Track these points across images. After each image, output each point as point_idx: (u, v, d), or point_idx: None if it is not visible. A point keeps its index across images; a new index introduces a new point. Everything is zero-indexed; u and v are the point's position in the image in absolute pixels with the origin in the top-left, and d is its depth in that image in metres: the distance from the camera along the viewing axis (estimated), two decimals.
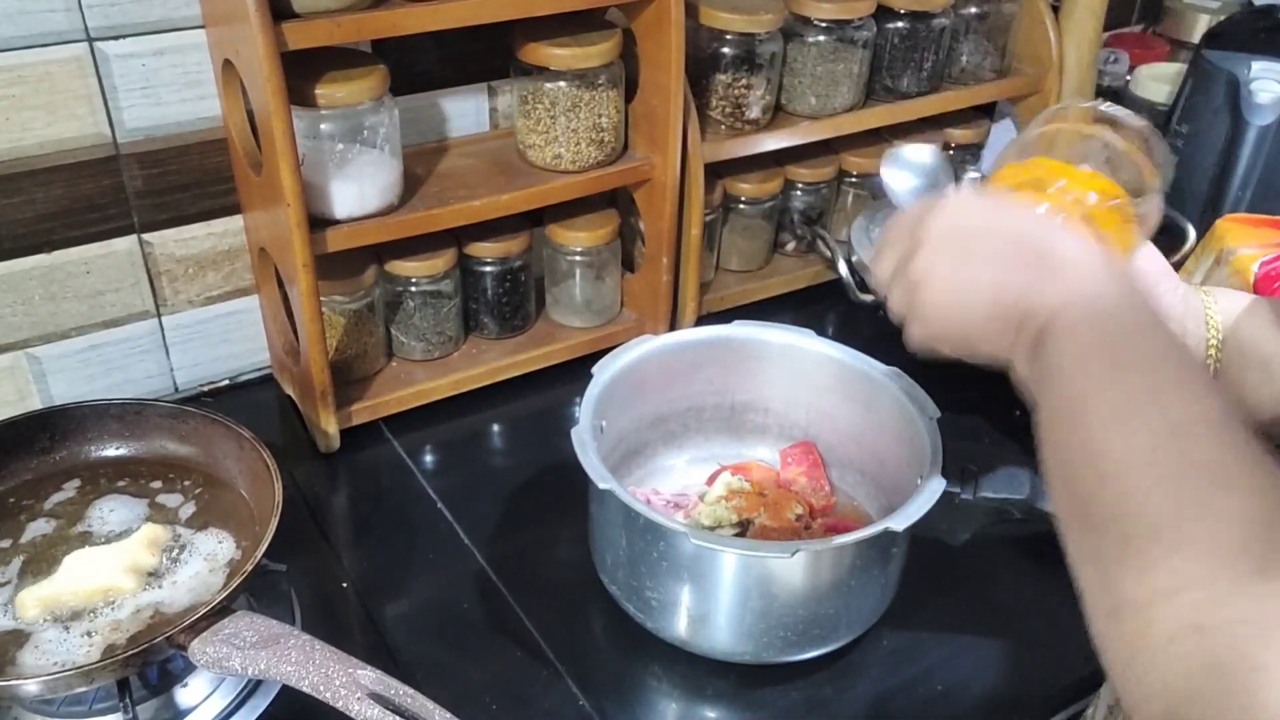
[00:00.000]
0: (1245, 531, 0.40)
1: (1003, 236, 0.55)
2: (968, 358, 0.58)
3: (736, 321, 0.87)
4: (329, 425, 0.92)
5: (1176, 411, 0.45)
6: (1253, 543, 0.40)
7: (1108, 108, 0.68)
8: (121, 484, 0.80)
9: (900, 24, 1.09)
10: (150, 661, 0.66)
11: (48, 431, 0.80)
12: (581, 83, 0.93)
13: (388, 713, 0.58)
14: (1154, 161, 0.66)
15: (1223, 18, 1.32)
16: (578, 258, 1.04)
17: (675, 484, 0.89)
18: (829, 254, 1.11)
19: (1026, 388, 0.54)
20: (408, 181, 0.92)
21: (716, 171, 1.10)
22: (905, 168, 0.78)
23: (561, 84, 0.93)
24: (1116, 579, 0.43)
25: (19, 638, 0.67)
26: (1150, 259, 0.69)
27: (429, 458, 0.96)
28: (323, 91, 0.83)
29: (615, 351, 0.83)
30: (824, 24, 1.04)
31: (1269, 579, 0.39)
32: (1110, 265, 0.53)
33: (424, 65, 1.00)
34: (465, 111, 1.04)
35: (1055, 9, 1.22)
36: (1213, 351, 0.67)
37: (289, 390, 1.01)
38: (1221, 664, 0.38)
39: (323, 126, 0.86)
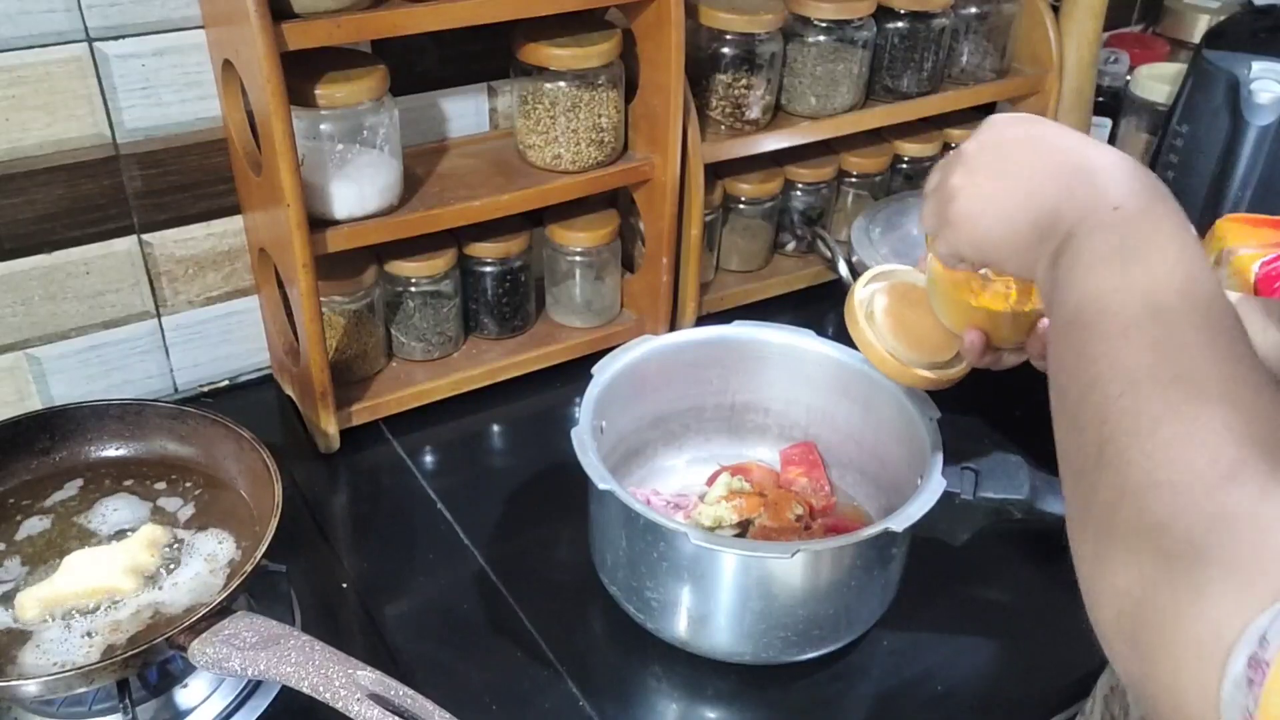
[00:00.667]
0: (1223, 439, 0.41)
1: (1041, 147, 0.56)
2: (992, 269, 0.59)
3: (736, 322, 0.87)
4: (329, 426, 0.92)
5: (1179, 326, 0.45)
6: (1225, 450, 0.40)
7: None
8: (121, 484, 0.80)
9: (900, 24, 1.09)
10: (150, 662, 0.66)
11: (48, 432, 0.80)
12: (581, 83, 0.93)
13: (388, 713, 0.58)
14: None
15: (1223, 18, 1.32)
16: (578, 258, 1.04)
17: (675, 484, 0.89)
18: (829, 254, 1.11)
19: (1044, 299, 0.54)
20: (408, 182, 0.92)
21: (716, 171, 1.10)
22: None
23: (561, 84, 0.93)
24: (1094, 483, 0.44)
25: (19, 638, 0.67)
26: None
27: (429, 458, 0.96)
28: (322, 92, 0.83)
29: (615, 352, 0.83)
30: (824, 24, 1.04)
31: (1238, 482, 0.39)
32: (1141, 174, 0.53)
33: (424, 65, 1.00)
34: (465, 111, 1.04)
35: (1055, 9, 1.22)
36: None
37: (289, 391, 1.01)
38: (1180, 557, 0.38)
39: (322, 127, 0.86)
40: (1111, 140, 1.37)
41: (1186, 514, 0.39)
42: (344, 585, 0.82)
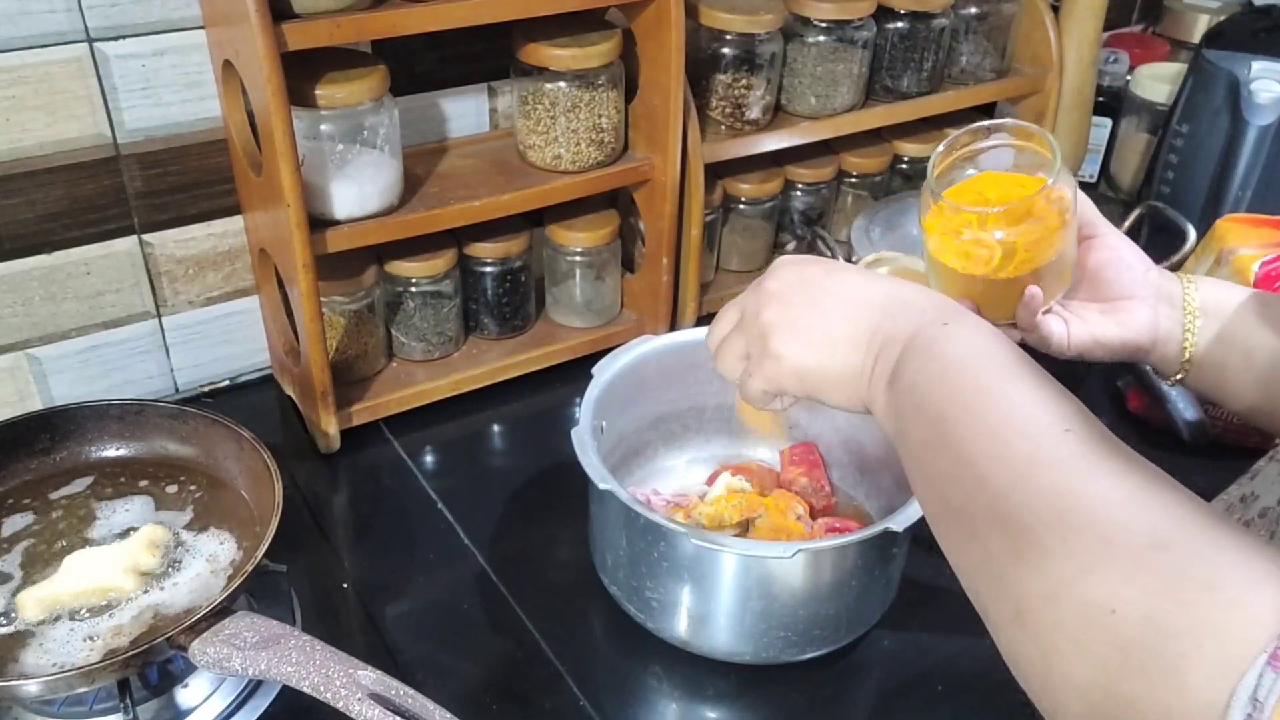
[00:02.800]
0: (1129, 510, 0.41)
1: (844, 281, 0.58)
2: (814, 399, 0.59)
3: None
4: (329, 426, 0.92)
5: (1039, 413, 0.47)
6: (1139, 517, 0.40)
7: (983, 124, 0.71)
8: (122, 485, 0.80)
9: (900, 24, 1.09)
10: (151, 662, 0.66)
11: (48, 432, 0.80)
12: (581, 83, 0.93)
13: (388, 713, 0.58)
14: (1044, 142, 0.67)
15: (1223, 18, 1.32)
16: (578, 258, 1.04)
17: (675, 484, 0.89)
18: (829, 254, 1.11)
19: (883, 423, 0.55)
20: (408, 182, 0.92)
21: (716, 171, 1.10)
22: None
23: (561, 84, 0.93)
24: (1014, 579, 0.42)
25: (19, 638, 0.67)
26: (1118, 243, 0.69)
27: (429, 458, 0.96)
28: (323, 92, 0.83)
29: (615, 352, 0.83)
30: (824, 24, 1.04)
31: (1166, 549, 0.38)
32: (948, 303, 0.56)
33: (424, 65, 1.00)
34: (465, 112, 1.04)
35: (1055, 9, 1.22)
36: (1189, 336, 0.67)
37: (289, 391, 1.01)
38: (1139, 640, 0.37)
39: (323, 127, 0.86)
40: (1111, 140, 1.38)
41: (1131, 595, 0.38)
42: (344, 585, 0.82)
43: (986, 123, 0.71)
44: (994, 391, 0.49)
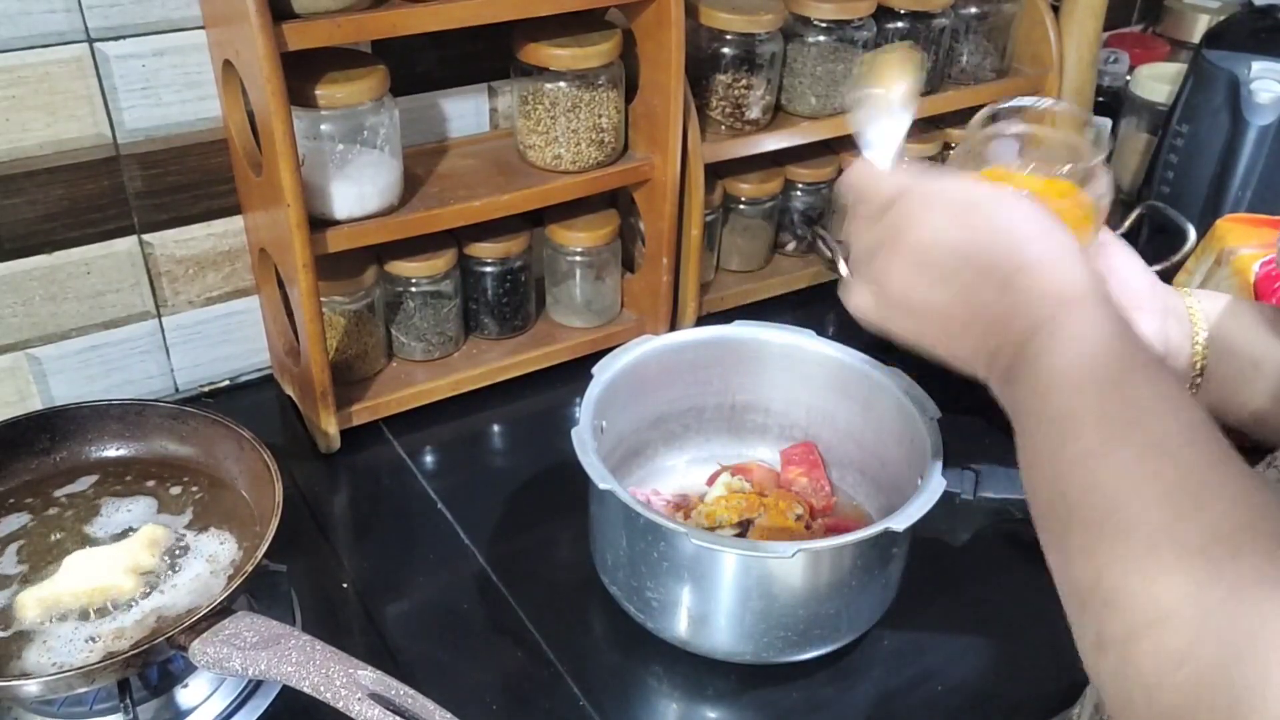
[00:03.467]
0: (1235, 536, 0.40)
1: (975, 254, 0.54)
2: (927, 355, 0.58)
3: (737, 322, 0.87)
4: (329, 426, 0.92)
5: (1159, 427, 0.46)
6: (1244, 545, 0.40)
7: (1021, 102, 0.68)
8: (122, 485, 0.80)
9: (900, 24, 1.09)
10: (151, 662, 0.66)
11: (48, 432, 0.80)
12: (581, 83, 0.93)
13: (388, 713, 0.58)
14: (1087, 138, 0.66)
15: (1223, 18, 1.32)
16: (578, 258, 1.04)
17: (675, 484, 0.89)
18: (829, 254, 1.10)
19: (1004, 406, 0.54)
20: (408, 182, 0.92)
21: (716, 171, 1.10)
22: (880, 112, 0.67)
23: (562, 84, 0.93)
24: (1105, 606, 0.43)
25: (20, 638, 0.67)
26: (1125, 256, 0.69)
27: (429, 458, 0.96)
28: (323, 92, 0.83)
29: (615, 352, 0.83)
30: (824, 24, 1.04)
31: (1263, 583, 0.38)
32: (1084, 273, 0.52)
33: (424, 65, 1.00)
34: (465, 112, 1.04)
35: (1055, 9, 1.22)
36: (1199, 349, 0.67)
37: (289, 391, 1.01)
38: (1223, 682, 0.37)
39: (323, 127, 0.86)
40: (1111, 140, 1.38)
41: (1204, 651, 0.39)
42: (344, 585, 0.82)
43: (1040, 102, 0.69)
44: (1111, 402, 0.47)
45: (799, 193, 1.18)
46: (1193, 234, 1.07)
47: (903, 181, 0.57)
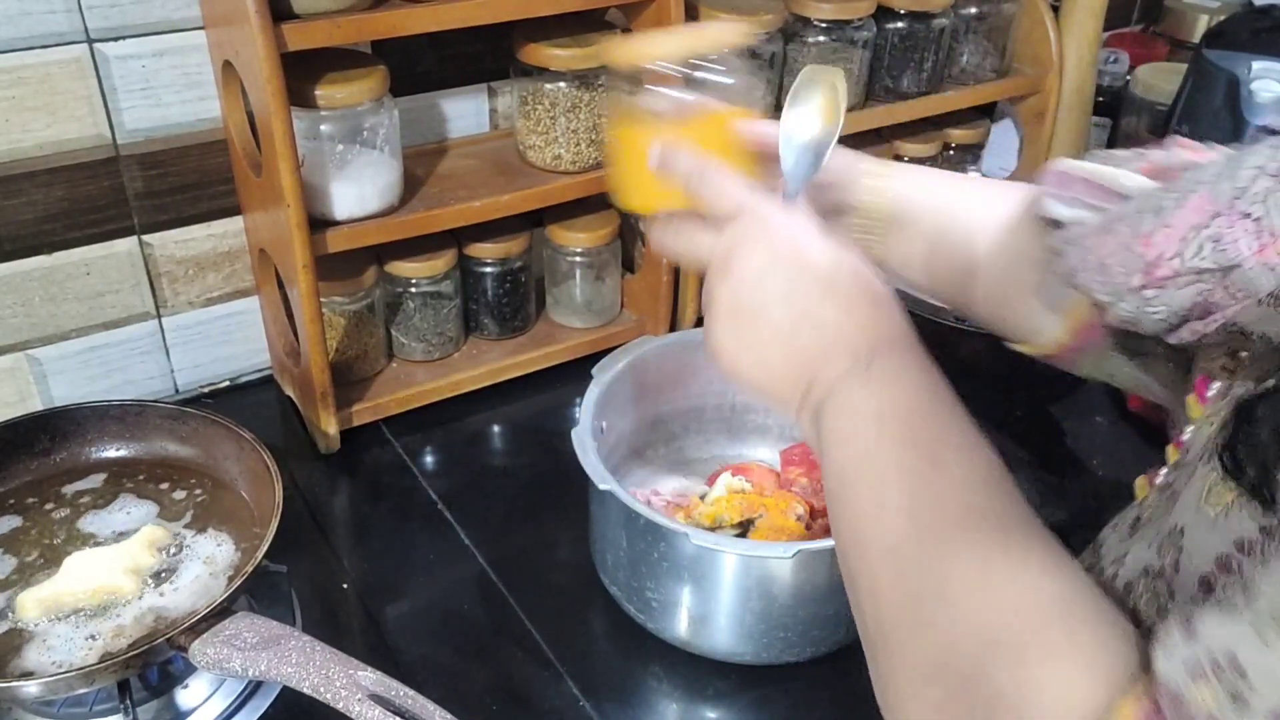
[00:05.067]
0: (949, 653, 0.44)
1: (802, 294, 0.55)
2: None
3: None
4: (329, 426, 0.92)
5: (933, 502, 0.48)
6: (963, 641, 0.43)
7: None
8: (122, 485, 0.80)
9: (900, 24, 1.09)
10: (150, 663, 0.66)
11: (48, 433, 0.80)
12: (581, 83, 0.93)
13: (388, 714, 0.58)
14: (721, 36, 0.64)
15: (1223, 18, 1.32)
16: (578, 258, 1.04)
17: (675, 484, 0.89)
18: None
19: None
20: (408, 182, 0.92)
21: None
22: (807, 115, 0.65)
23: (561, 85, 0.93)
24: (872, 672, 0.49)
25: (20, 639, 0.67)
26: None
27: (429, 458, 0.96)
28: (322, 92, 0.83)
29: (616, 352, 0.83)
30: (824, 24, 1.04)
31: (977, 680, 0.42)
32: (893, 321, 0.54)
33: (424, 66, 1.00)
34: (465, 112, 1.04)
35: (1055, 9, 1.22)
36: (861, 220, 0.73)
37: (289, 391, 1.01)
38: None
39: (323, 127, 0.86)
40: (1111, 140, 1.38)
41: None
42: (344, 585, 0.82)
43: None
44: (871, 479, 0.50)
45: None
46: None
47: (745, 200, 0.57)
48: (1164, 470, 0.57)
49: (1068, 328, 0.65)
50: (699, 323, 1.10)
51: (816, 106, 0.63)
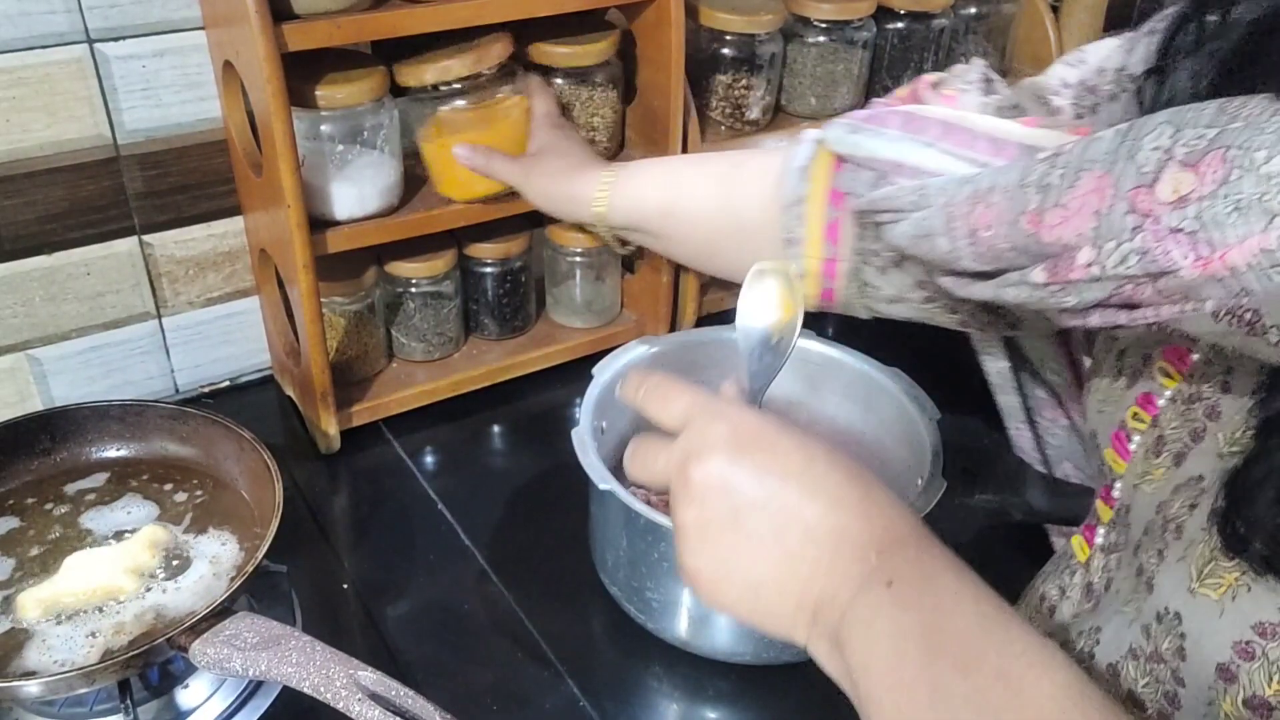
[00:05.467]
0: None
1: (781, 501, 0.46)
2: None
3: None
4: (329, 426, 0.92)
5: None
6: None
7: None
8: (122, 485, 0.80)
9: (900, 24, 1.09)
10: (151, 663, 0.66)
11: (48, 433, 0.80)
12: (579, 81, 0.93)
13: (388, 714, 0.58)
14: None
15: None
16: (578, 258, 1.04)
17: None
18: None
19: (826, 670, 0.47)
20: (408, 182, 0.92)
21: None
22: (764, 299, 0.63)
23: (559, 82, 0.93)
24: None
25: (20, 639, 0.67)
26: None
27: (429, 458, 0.96)
28: (323, 93, 0.83)
29: (616, 352, 0.83)
30: (824, 24, 1.04)
31: None
32: (898, 514, 0.46)
33: None
34: None
35: (1055, 9, 1.22)
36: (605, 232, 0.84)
37: (289, 391, 1.01)
38: None
39: (323, 128, 0.86)
40: None
41: None
42: (344, 585, 0.82)
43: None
44: (934, 686, 0.41)
45: None
46: None
47: (692, 402, 0.50)
48: (1100, 529, 0.56)
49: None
50: (699, 322, 1.10)
51: (773, 300, 0.61)
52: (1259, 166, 0.36)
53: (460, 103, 0.89)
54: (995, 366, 0.77)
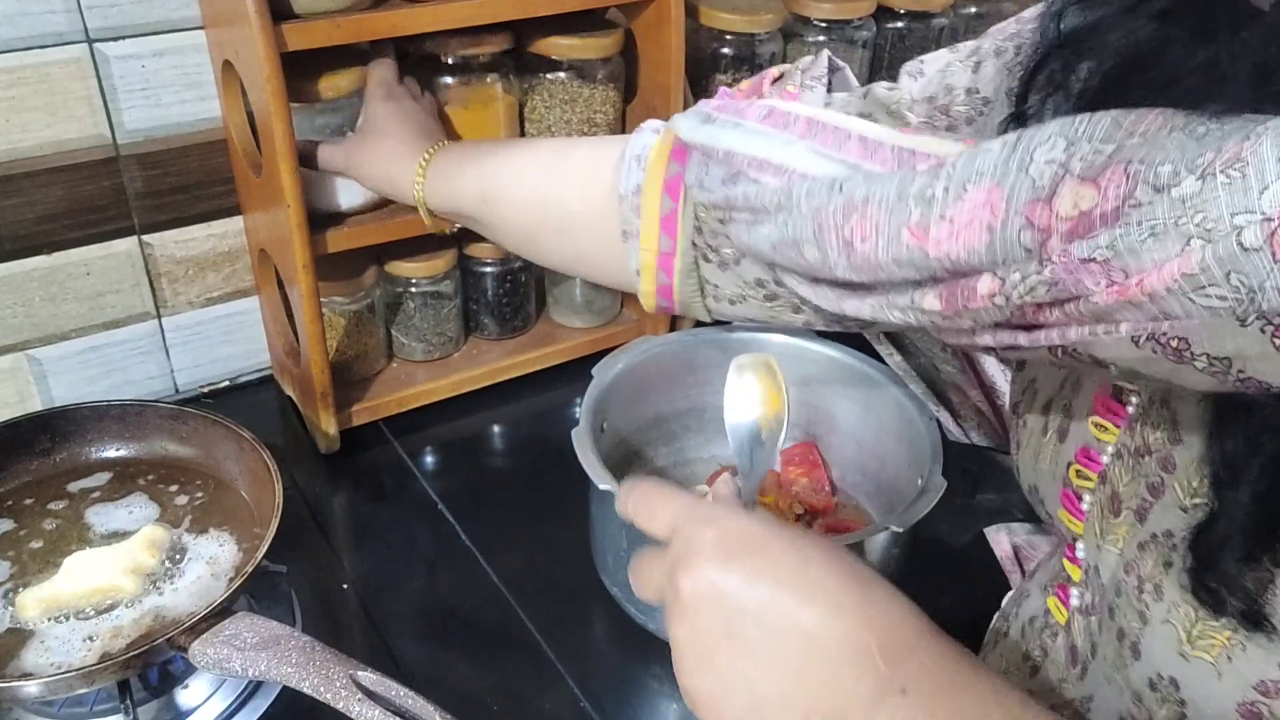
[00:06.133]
0: None
1: (778, 610, 0.42)
2: None
3: (737, 322, 0.87)
4: (329, 426, 0.92)
5: None
6: None
7: None
8: (122, 486, 0.80)
9: (900, 24, 1.09)
10: (151, 663, 0.66)
11: (48, 433, 0.80)
12: (580, 76, 0.93)
13: (388, 714, 0.58)
14: None
15: None
16: None
17: (675, 484, 0.88)
18: None
19: None
20: None
21: None
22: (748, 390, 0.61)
23: (561, 75, 0.93)
24: None
25: (20, 639, 0.67)
26: None
27: (429, 458, 0.96)
28: (325, 83, 0.83)
29: (616, 352, 0.83)
30: (823, 24, 1.04)
31: None
32: (902, 610, 0.43)
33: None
34: None
35: None
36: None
37: (289, 391, 1.01)
38: None
39: (317, 120, 0.86)
40: None
41: None
42: (344, 586, 0.82)
43: None
44: None
45: None
46: None
47: (678, 510, 0.47)
48: (1073, 590, 0.53)
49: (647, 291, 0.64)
50: (699, 322, 1.10)
51: (755, 394, 0.59)
52: (1169, 189, 0.35)
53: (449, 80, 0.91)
54: (891, 360, 0.75)
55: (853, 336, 0.86)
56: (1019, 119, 0.52)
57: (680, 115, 0.61)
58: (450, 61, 0.90)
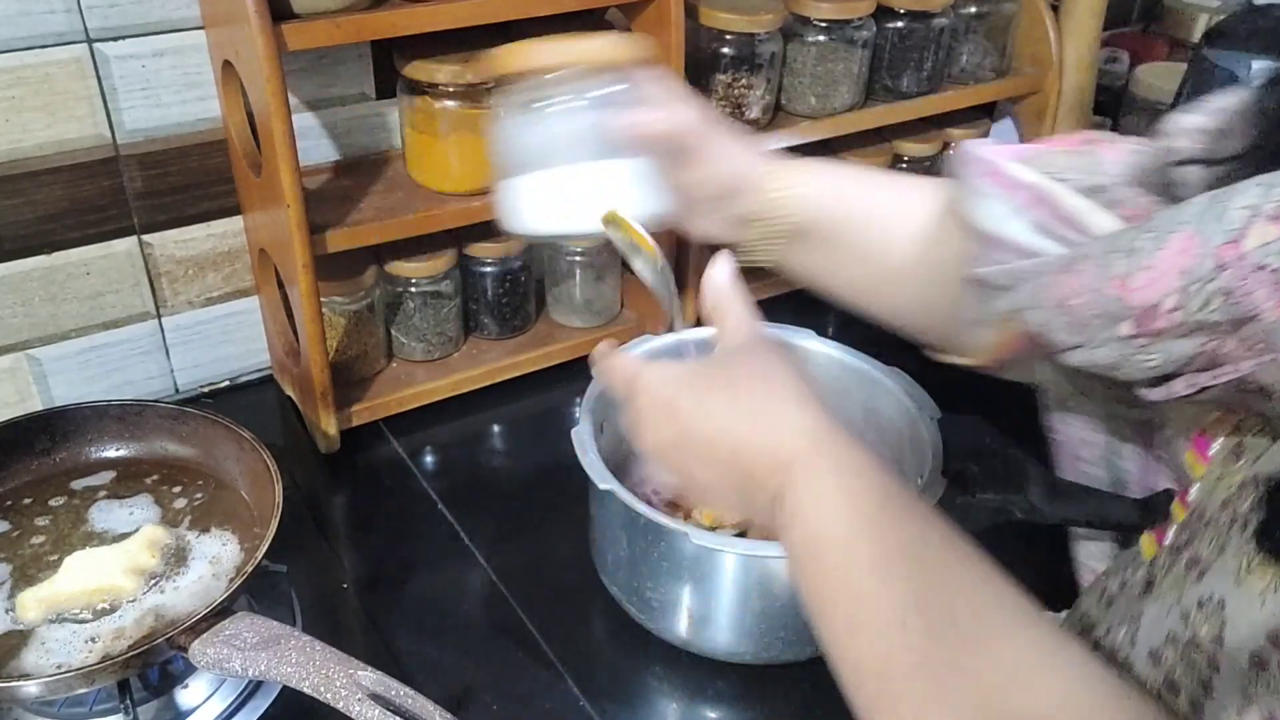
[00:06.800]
0: (986, 692, 0.43)
1: (711, 424, 0.54)
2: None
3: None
4: (329, 426, 0.92)
5: (876, 608, 0.47)
6: (994, 700, 0.42)
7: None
8: (122, 485, 0.80)
9: (900, 24, 1.09)
10: (151, 663, 0.66)
11: (48, 433, 0.80)
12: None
13: (388, 713, 0.58)
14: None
15: (1223, 17, 1.32)
16: (578, 258, 1.04)
17: (675, 484, 0.89)
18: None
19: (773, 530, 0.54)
20: (407, 182, 0.92)
21: None
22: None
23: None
24: None
25: (20, 639, 0.67)
26: (727, 140, 0.70)
27: (429, 458, 0.96)
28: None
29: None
30: (823, 24, 1.04)
31: None
32: (806, 423, 0.54)
33: None
34: None
35: (1055, 9, 1.22)
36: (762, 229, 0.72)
37: (289, 391, 1.01)
38: None
39: None
40: None
41: None
42: (344, 585, 0.82)
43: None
44: (838, 583, 0.48)
45: None
46: None
47: (631, 369, 0.57)
48: (1171, 528, 0.56)
49: (1000, 342, 0.63)
50: (699, 322, 1.10)
51: (635, 238, 0.65)
52: None
53: (456, 104, 0.89)
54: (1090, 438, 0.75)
55: (853, 337, 0.86)
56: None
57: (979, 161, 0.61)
58: (451, 90, 0.89)
